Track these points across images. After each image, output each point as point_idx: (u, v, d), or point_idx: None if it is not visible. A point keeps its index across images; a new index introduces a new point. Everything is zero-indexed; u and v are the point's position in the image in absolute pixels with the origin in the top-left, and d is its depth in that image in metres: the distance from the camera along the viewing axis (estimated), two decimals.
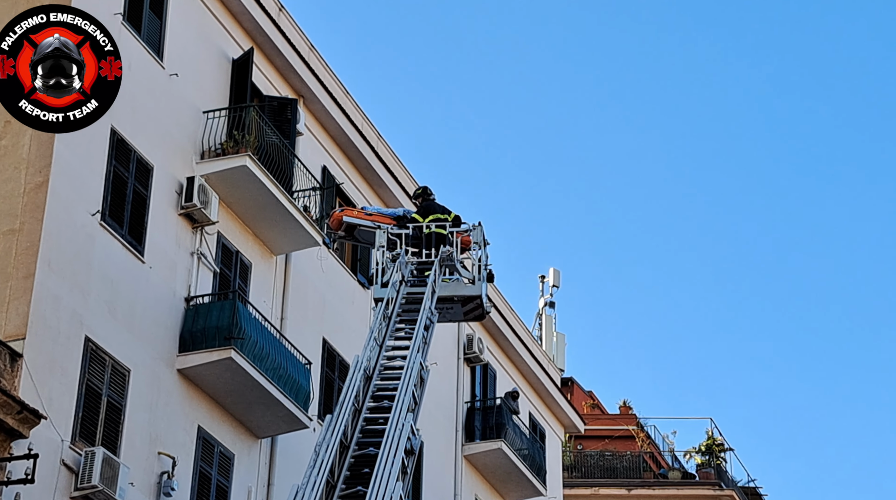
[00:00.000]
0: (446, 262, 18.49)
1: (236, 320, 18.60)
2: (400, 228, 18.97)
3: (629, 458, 35.54)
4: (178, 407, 18.33)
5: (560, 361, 33.22)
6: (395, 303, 17.07)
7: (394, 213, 19.96)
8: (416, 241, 18.89)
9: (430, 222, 19.09)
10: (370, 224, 19.40)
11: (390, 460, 13.68)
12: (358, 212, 20.06)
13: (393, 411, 14.62)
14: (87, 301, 16.97)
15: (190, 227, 19.25)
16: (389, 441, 14.02)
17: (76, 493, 15.98)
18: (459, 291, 18.50)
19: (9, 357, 15.38)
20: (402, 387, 15.25)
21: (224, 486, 18.91)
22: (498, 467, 26.37)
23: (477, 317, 19.12)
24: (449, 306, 18.45)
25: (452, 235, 18.93)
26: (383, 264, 18.21)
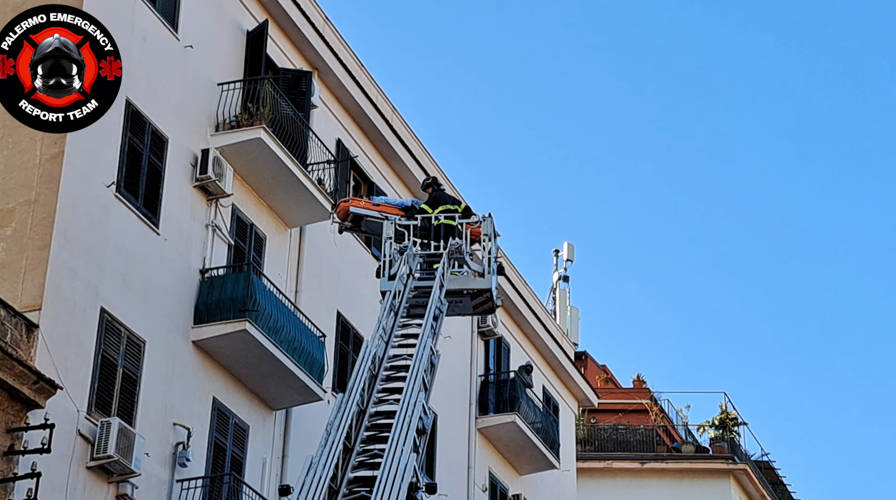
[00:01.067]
0: (455, 254, 18.08)
1: (251, 292, 18.64)
2: (408, 220, 18.57)
3: (642, 432, 35.57)
4: (192, 379, 18.40)
5: (574, 335, 33.23)
6: (403, 296, 16.61)
7: (402, 203, 19.53)
8: (424, 232, 18.48)
9: (439, 214, 18.71)
10: (377, 215, 18.98)
11: (403, 434, 13.65)
12: (365, 202, 19.59)
13: (404, 391, 14.43)
14: (102, 273, 17.02)
15: (205, 199, 19.27)
16: (401, 419, 13.93)
17: (92, 463, 16.07)
18: (469, 284, 18.09)
19: (25, 328, 15.45)
20: (414, 369, 15.00)
21: (239, 457, 19.00)
22: (511, 440, 26.44)
23: (487, 311, 18.77)
24: (458, 300, 18.05)
25: (462, 227, 18.53)
26: (391, 256, 17.76)
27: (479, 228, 18.78)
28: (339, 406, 13.89)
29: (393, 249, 17.90)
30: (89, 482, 16.10)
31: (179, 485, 17.53)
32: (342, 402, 13.96)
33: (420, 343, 15.60)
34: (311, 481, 12.48)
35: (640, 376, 38.78)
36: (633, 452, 34.93)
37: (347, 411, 13.75)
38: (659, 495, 34.02)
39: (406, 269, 17.15)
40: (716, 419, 36.03)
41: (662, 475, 34.29)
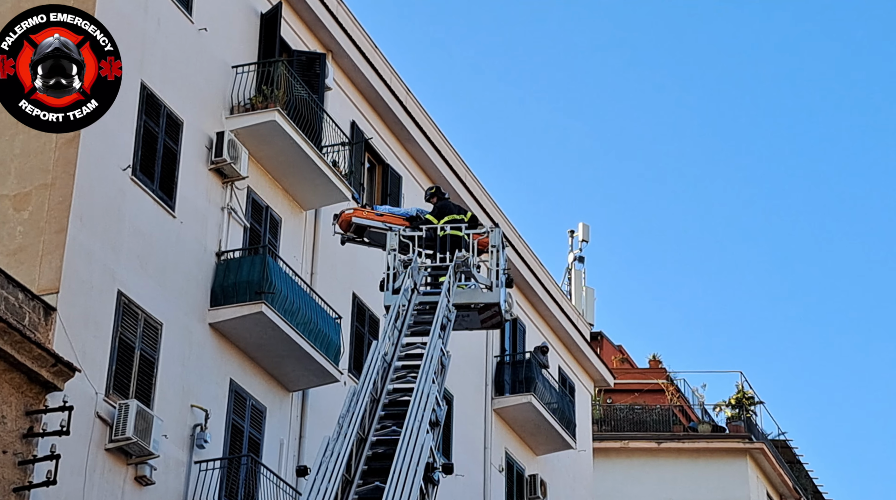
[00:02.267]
0: (462, 267, 17.41)
1: (267, 274, 18.69)
2: (413, 230, 17.93)
3: (659, 411, 35.58)
4: (210, 361, 18.48)
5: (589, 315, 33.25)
6: (407, 311, 15.87)
7: (406, 213, 18.91)
8: (429, 243, 17.85)
9: (445, 224, 18.07)
10: (381, 225, 18.38)
11: (418, 417, 13.63)
12: (368, 212, 18.97)
13: (417, 381, 14.23)
14: (119, 256, 17.09)
15: (220, 182, 19.32)
16: (416, 405, 13.88)
17: (111, 445, 16.16)
18: (476, 298, 17.39)
19: (43, 311, 15.53)
20: (427, 358, 14.68)
21: (256, 438, 19.08)
22: (527, 420, 26.48)
23: (495, 325, 18.02)
24: (465, 314, 17.31)
25: (469, 238, 17.84)
26: (395, 269, 17.14)
27: (486, 239, 18.11)
28: (351, 397, 13.78)
29: (397, 261, 17.27)
30: (108, 463, 16.20)
31: (197, 466, 17.62)
32: (355, 392, 13.85)
33: (430, 343, 15.14)
34: (328, 461, 12.50)
35: (656, 356, 38.78)
36: (650, 432, 34.94)
37: (362, 399, 13.70)
38: (675, 474, 34.05)
39: (410, 282, 16.47)
40: (732, 398, 36.00)
41: (679, 454, 34.31)
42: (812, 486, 39.60)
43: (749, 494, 33.97)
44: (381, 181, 23.90)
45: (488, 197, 26.88)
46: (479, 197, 26.34)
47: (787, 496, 36.49)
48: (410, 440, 13.15)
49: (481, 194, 26.53)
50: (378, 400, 14.23)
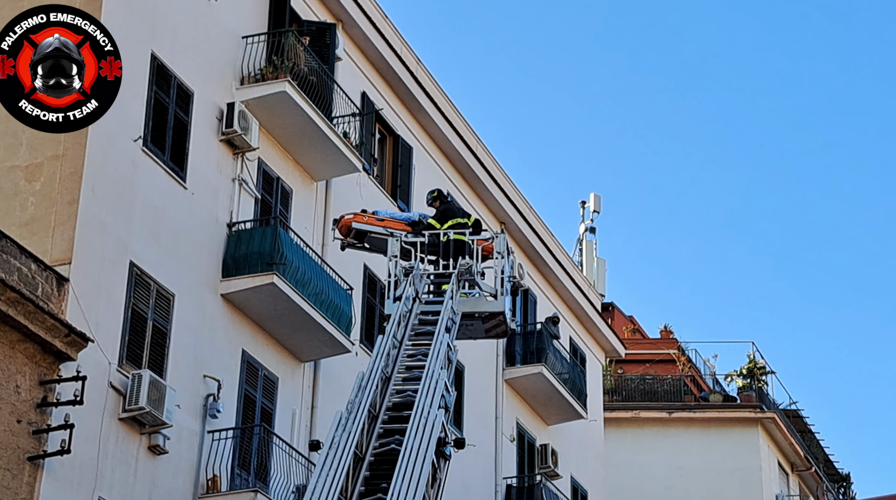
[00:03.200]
0: (465, 275, 16.86)
1: (278, 245, 18.73)
2: (415, 236, 17.38)
3: (670, 382, 35.62)
4: (222, 331, 18.55)
5: (601, 286, 33.21)
6: (409, 321, 15.31)
7: (408, 218, 18.40)
8: (433, 249, 17.32)
9: (448, 229, 17.48)
10: (382, 231, 17.87)
11: (430, 393, 13.61)
12: (369, 217, 18.37)
13: (426, 369, 14.06)
14: (130, 227, 17.14)
15: (231, 153, 19.34)
16: (426, 386, 13.81)
17: (124, 414, 16.26)
18: (479, 306, 16.85)
19: (55, 282, 15.60)
20: (436, 344, 14.42)
21: (269, 409, 19.17)
22: (539, 391, 26.54)
23: (499, 334, 17.43)
24: (469, 323, 16.77)
25: (473, 244, 17.27)
26: (396, 276, 16.51)
27: (491, 245, 17.52)
28: (359, 384, 13.65)
29: (399, 268, 16.69)
30: (122, 433, 16.30)
31: (210, 436, 17.72)
32: (363, 378, 13.66)
33: (437, 334, 14.87)
34: (341, 437, 12.48)
35: (668, 327, 38.81)
36: (661, 402, 34.99)
37: (371, 382, 13.63)
38: (687, 444, 34.11)
39: (412, 291, 15.92)
40: (743, 368, 36.02)
41: (690, 424, 34.36)
42: (823, 455, 39.66)
43: (760, 463, 34.03)
44: (392, 152, 23.89)
45: (499, 168, 26.86)
46: (490, 168, 26.33)
47: (798, 465, 36.55)
48: (422, 415, 13.14)
49: (492, 165, 26.51)
50: (389, 379, 14.17)
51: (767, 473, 34.36)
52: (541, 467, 26.32)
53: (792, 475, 36.41)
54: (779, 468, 35.53)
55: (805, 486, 37.26)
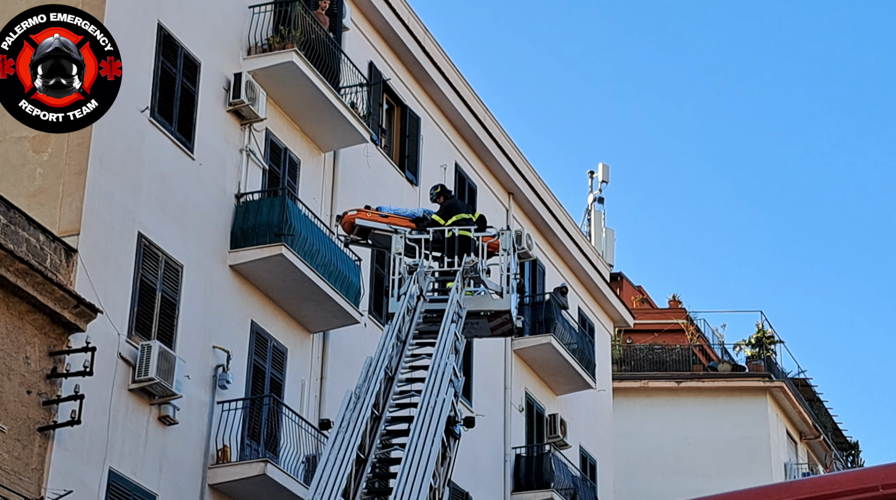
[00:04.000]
0: (470, 273, 16.54)
1: (286, 216, 18.73)
2: (419, 232, 17.07)
3: (678, 351, 35.64)
4: (231, 303, 18.58)
5: (609, 256, 33.19)
6: (412, 320, 15.02)
7: (412, 214, 18.06)
8: (437, 245, 16.98)
9: (453, 225, 17.16)
10: (386, 227, 17.56)
11: (439, 373, 13.59)
12: (372, 214, 18.05)
13: (434, 354, 13.98)
14: (138, 198, 17.14)
15: (238, 123, 19.31)
16: (437, 362, 13.76)
17: (134, 385, 16.30)
18: (485, 305, 16.52)
19: (64, 253, 15.61)
20: (444, 328, 14.28)
21: (278, 379, 19.21)
22: (547, 361, 26.58)
23: (505, 333, 17.18)
24: (474, 322, 16.45)
25: (478, 241, 16.98)
26: (400, 274, 16.17)
27: (497, 241, 17.23)
28: (366, 369, 13.59)
29: (403, 266, 16.37)
30: (132, 403, 16.35)
31: (220, 407, 17.76)
32: (370, 364, 13.59)
33: (444, 323, 14.73)
34: (351, 416, 12.47)
35: (676, 296, 38.80)
36: (670, 371, 35.03)
37: (380, 365, 13.59)
38: (695, 413, 34.17)
39: (416, 289, 15.59)
40: (752, 337, 36.02)
41: (698, 393, 34.41)
42: (832, 423, 39.72)
43: (769, 432, 34.08)
44: (400, 122, 23.85)
45: (507, 138, 26.81)
46: (499, 138, 26.28)
47: (807, 433, 36.60)
48: (432, 394, 13.14)
49: (500, 135, 26.47)
50: (393, 378, 14.09)
51: (776, 441, 34.42)
52: (549, 436, 26.38)
53: (800, 443, 36.46)
54: (787, 436, 35.58)
55: (813, 454, 37.32)
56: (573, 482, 26.00)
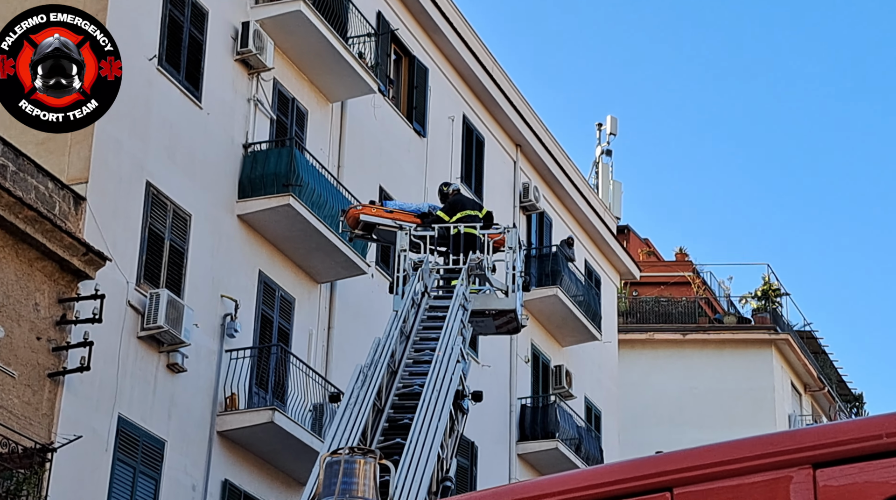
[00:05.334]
0: (475, 270, 16.33)
1: (294, 167, 18.74)
2: (424, 229, 16.78)
3: (684, 304, 35.69)
4: (238, 252, 18.64)
5: (616, 209, 33.15)
6: (417, 316, 14.77)
7: (417, 209, 17.72)
8: (442, 241, 16.79)
9: (459, 222, 16.89)
10: (391, 223, 17.22)
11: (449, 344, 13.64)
12: (377, 209, 17.74)
13: (443, 333, 13.97)
14: (146, 146, 17.16)
15: (246, 73, 19.28)
16: (446, 337, 13.81)
17: (143, 333, 16.40)
18: (490, 304, 16.38)
19: (72, 200, 15.66)
20: (453, 308, 14.28)
21: (286, 328, 19.31)
22: (554, 313, 26.65)
23: (510, 330, 17.05)
24: (479, 320, 16.29)
25: (483, 238, 16.78)
26: (405, 271, 15.90)
27: (503, 238, 17.07)
28: (373, 351, 13.51)
29: (407, 262, 16.11)
30: (140, 351, 16.46)
31: (228, 355, 17.88)
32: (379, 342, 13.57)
33: (452, 310, 14.67)
34: (360, 391, 12.53)
35: (683, 249, 38.79)
36: (675, 323, 35.09)
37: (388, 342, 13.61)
38: (700, 365, 34.29)
39: (421, 286, 15.38)
40: (758, 290, 36.03)
41: (704, 346, 34.51)
42: (836, 375, 39.84)
43: (773, 384, 34.21)
44: (408, 73, 23.78)
45: (515, 89, 26.74)
46: (507, 89, 26.21)
47: (812, 385, 36.74)
48: (441, 367, 13.22)
49: (508, 87, 26.39)
50: (396, 372, 14.09)
51: (780, 393, 34.56)
52: (555, 387, 26.52)
53: (805, 395, 36.61)
54: (792, 388, 35.72)
55: (818, 406, 37.48)
56: (578, 433, 26.17)
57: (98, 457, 15.59)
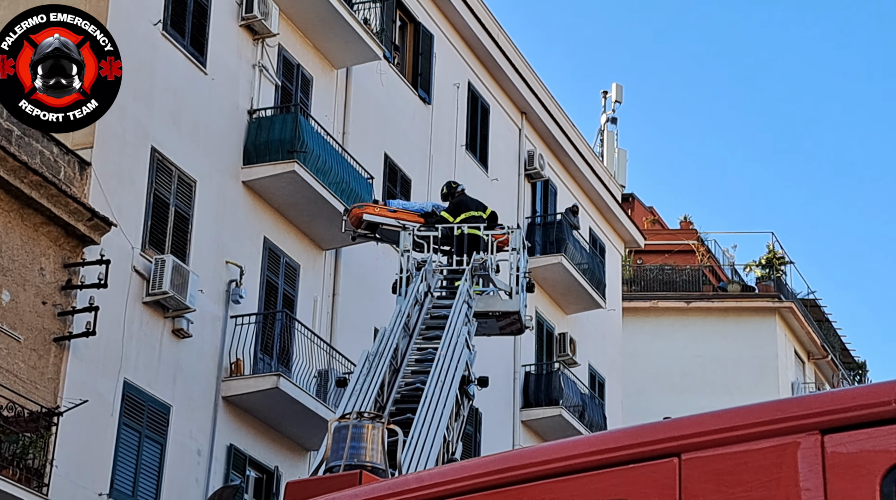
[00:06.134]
0: (479, 271, 16.23)
1: (299, 133, 18.72)
2: (428, 229, 16.69)
3: (689, 272, 35.69)
4: (243, 218, 18.64)
5: (621, 177, 33.12)
6: (420, 316, 14.64)
7: (421, 209, 17.66)
8: (446, 240, 16.73)
9: (462, 222, 16.77)
10: (394, 222, 17.17)
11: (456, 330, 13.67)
12: (380, 209, 17.67)
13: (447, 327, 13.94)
14: (151, 112, 17.13)
15: (251, 39, 19.22)
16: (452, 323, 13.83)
17: (148, 298, 16.43)
18: (494, 306, 16.32)
19: (77, 166, 15.65)
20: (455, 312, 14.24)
21: (290, 295, 19.34)
22: (558, 280, 26.67)
23: (514, 332, 17.11)
24: (483, 321, 16.17)
25: (488, 239, 16.66)
26: (408, 271, 15.79)
27: (507, 239, 16.97)
28: (379, 340, 13.54)
29: (411, 263, 15.99)
30: (146, 316, 16.50)
31: (233, 321, 17.91)
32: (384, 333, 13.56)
33: (457, 303, 14.66)
34: (367, 376, 12.55)
35: (687, 217, 38.77)
36: (679, 292, 35.11)
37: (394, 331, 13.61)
38: (704, 333, 34.32)
39: (424, 286, 15.29)
40: (762, 258, 36.02)
41: (708, 313, 34.53)
42: (840, 343, 39.89)
43: (777, 352, 34.26)
44: (413, 39, 23.69)
45: (521, 56, 26.64)
46: (512, 56, 26.12)
47: (815, 353, 36.80)
48: (448, 351, 13.26)
49: (514, 54, 26.30)
50: (398, 370, 14.03)
51: (784, 361, 34.61)
52: (559, 355, 26.56)
53: (808, 363, 36.67)
54: (795, 356, 35.77)
55: (821, 374, 37.55)
56: (581, 400, 26.23)
57: (104, 421, 15.66)
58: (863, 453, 3.71)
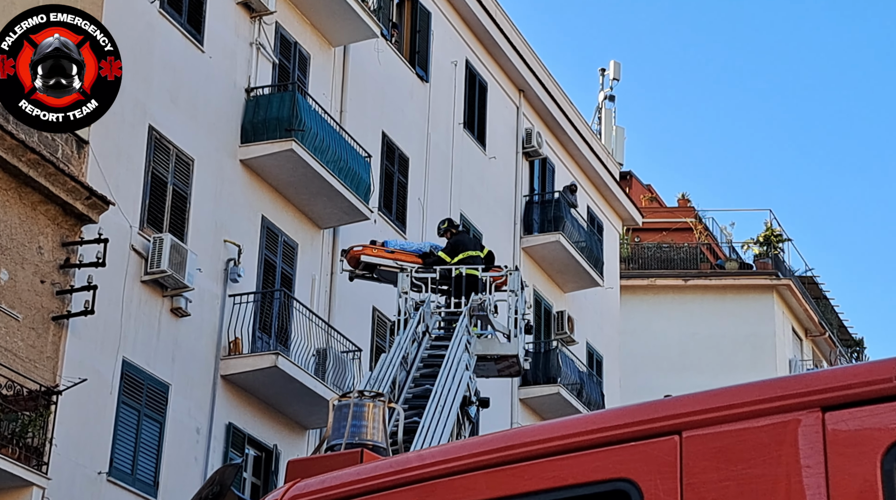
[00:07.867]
0: (477, 312, 16.14)
1: (296, 111, 18.68)
2: (426, 270, 16.62)
3: (686, 250, 35.68)
4: (241, 197, 18.63)
5: (619, 154, 33.07)
6: (417, 355, 14.62)
7: (418, 249, 17.65)
8: (444, 281, 16.67)
9: (460, 263, 16.70)
10: (392, 263, 17.11)
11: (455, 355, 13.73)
12: (378, 249, 17.58)
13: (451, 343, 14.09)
14: (149, 90, 17.09)
15: (248, 16, 19.16)
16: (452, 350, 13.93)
17: (146, 277, 16.43)
18: (492, 349, 16.28)
19: (75, 144, 15.63)
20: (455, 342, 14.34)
21: (288, 273, 19.34)
22: (556, 259, 26.69)
23: (512, 374, 17.03)
24: (481, 364, 16.09)
25: (486, 280, 16.61)
26: (406, 313, 15.73)
27: (505, 280, 16.86)
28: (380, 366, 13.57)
29: (409, 304, 15.94)
30: (144, 295, 16.50)
31: (232, 300, 17.92)
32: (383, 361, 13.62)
33: (460, 324, 14.72)
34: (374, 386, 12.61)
35: (685, 195, 38.74)
36: (677, 269, 35.12)
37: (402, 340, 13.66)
38: (702, 311, 34.35)
39: (422, 327, 15.30)
40: (760, 235, 36.02)
41: (706, 291, 34.56)
42: (837, 321, 39.93)
43: (775, 329, 34.29)
44: (410, 17, 23.63)
45: (518, 34, 26.58)
46: (510, 34, 26.06)
47: (812, 330, 36.84)
48: (450, 371, 13.33)
49: (511, 31, 26.23)
50: (401, 389, 14.03)
51: (781, 338, 34.65)
52: (557, 333, 26.59)
53: (806, 340, 36.71)
54: (793, 333, 35.81)
55: (819, 351, 37.61)
56: (579, 378, 26.28)
57: (103, 400, 15.69)
58: (864, 430, 3.71)
